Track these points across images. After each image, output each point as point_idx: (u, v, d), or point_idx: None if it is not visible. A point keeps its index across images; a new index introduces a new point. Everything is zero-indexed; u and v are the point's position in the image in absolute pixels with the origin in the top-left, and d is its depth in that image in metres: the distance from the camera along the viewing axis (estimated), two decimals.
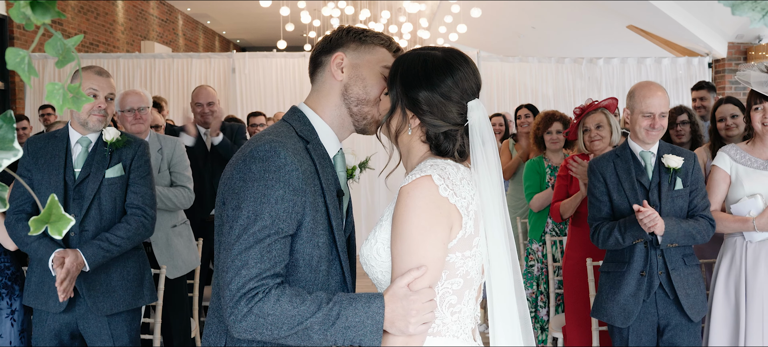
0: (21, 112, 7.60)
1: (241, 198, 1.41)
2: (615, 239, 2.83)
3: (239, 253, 1.38)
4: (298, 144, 1.51)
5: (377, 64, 1.61)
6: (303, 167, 1.46)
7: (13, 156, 0.83)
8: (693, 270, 2.87)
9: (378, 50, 1.62)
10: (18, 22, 1.32)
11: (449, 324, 1.50)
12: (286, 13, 10.04)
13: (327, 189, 1.53)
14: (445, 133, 1.51)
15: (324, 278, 1.52)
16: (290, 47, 11.04)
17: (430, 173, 1.44)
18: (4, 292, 2.90)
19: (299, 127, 1.57)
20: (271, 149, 1.43)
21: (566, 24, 10.76)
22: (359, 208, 8.33)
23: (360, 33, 1.63)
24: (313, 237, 1.48)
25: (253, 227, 1.39)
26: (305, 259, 1.48)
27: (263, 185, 1.41)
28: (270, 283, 1.39)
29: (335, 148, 1.63)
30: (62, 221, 0.87)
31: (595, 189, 2.95)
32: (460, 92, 1.50)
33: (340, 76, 1.60)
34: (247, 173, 1.42)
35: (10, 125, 0.83)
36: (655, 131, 2.84)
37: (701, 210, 2.85)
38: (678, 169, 2.83)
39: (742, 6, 0.88)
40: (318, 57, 1.64)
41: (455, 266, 1.48)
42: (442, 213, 1.43)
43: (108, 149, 2.76)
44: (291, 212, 1.42)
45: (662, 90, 2.89)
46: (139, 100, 3.58)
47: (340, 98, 1.61)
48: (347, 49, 1.61)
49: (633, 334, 2.87)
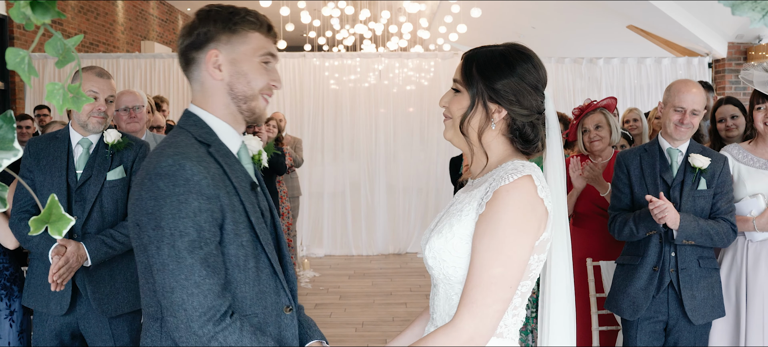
0: (21, 112, 7.60)
1: (158, 217, 1.40)
2: (629, 230, 2.85)
3: (181, 271, 1.39)
4: (200, 150, 1.50)
5: (255, 54, 1.56)
6: (210, 172, 1.46)
7: (13, 156, 0.83)
8: (707, 273, 2.84)
9: (252, 37, 1.56)
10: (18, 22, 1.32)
11: (510, 325, 1.50)
12: (286, 13, 10.03)
13: (239, 187, 1.53)
14: (531, 122, 1.52)
15: (254, 274, 1.53)
16: (290, 47, 11.02)
17: (528, 173, 1.44)
18: (3, 293, 2.90)
19: (197, 132, 1.54)
20: (175, 163, 1.42)
21: (566, 24, 10.75)
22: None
23: (228, 19, 1.54)
24: (236, 238, 1.49)
25: (182, 243, 1.39)
26: (232, 260, 1.49)
27: (177, 201, 1.40)
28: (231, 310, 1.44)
29: (237, 143, 1.61)
30: (62, 221, 0.87)
31: (619, 180, 2.98)
32: (539, 77, 1.53)
33: (219, 75, 1.55)
34: (156, 192, 1.41)
35: (10, 125, 0.84)
36: (684, 127, 2.83)
37: (724, 214, 2.83)
38: (704, 169, 2.82)
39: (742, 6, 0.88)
40: (188, 53, 1.56)
41: (530, 268, 1.49)
42: (535, 215, 1.43)
43: (109, 151, 2.75)
44: (211, 221, 1.43)
45: (698, 88, 2.87)
46: (134, 99, 3.58)
47: (227, 97, 1.57)
48: (219, 43, 1.54)
49: (641, 332, 2.88)
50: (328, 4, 10.18)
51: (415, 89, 8.62)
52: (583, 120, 3.64)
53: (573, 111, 3.75)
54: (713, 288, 2.85)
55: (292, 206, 6.90)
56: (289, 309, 1.61)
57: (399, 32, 12.25)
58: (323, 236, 8.50)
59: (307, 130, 8.44)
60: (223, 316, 1.42)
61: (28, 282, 2.75)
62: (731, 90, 8.04)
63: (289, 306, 1.61)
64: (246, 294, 1.52)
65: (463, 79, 1.53)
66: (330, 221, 8.56)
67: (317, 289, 6.69)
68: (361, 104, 8.52)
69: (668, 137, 2.91)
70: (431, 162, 8.45)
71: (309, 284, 6.89)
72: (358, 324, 5.47)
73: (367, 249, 8.46)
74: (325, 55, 8.87)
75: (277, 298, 1.58)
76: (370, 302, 6.14)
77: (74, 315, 2.69)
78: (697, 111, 2.82)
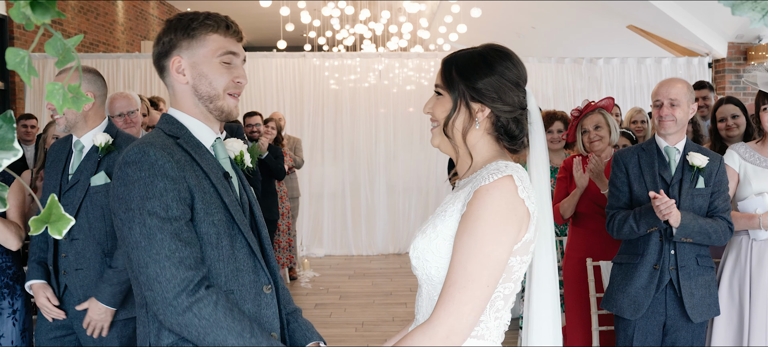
0: (21, 112, 7.59)
1: (128, 200, 1.50)
2: (630, 227, 2.84)
3: (152, 246, 1.48)
4: (167, 141, 1.59)
5: (214, 55, 1.64)
6: (175, 158, 1.54)
7: (13, 156, 0.83)
8: (704, 272, 2.85)
9: (210, 39, 1.63)
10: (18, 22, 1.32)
11: (492, 328, 1.50)
12: (286, 13, 10.03)
13: (210, 171, 1.61)
14: (515, 118, 1.53)
15: (228, 252, 1.59)
16: (290, 47, 11.01)
17: (510, 173, 1.45)
18: (6, 292, 2.90)
19: (167, 128, 1.64)
20: (140, 149, 1.52)
21: (566, 24, 10.75)
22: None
23: (187, 26, 1.63)
24: (207, 216, 1.56)
25: (151, 220, 1.48)
26: (204, 239, 1.56)
27: (143, 183, 1.50)
28: (205, 280, 1.51)
29: (211, 138, 1.68)
30: (62, 221, 0.87)
31: (617, 179, 2.98)
32: (519, 74, 1.54)
33: (183, 80, 1.64)
34: (125, 178, 1.52)
35: (10, 125, 0.84)
36: (667, 121, 2.85)
37: (721, 212, 2.84)
38: (702, 168, 2.83)
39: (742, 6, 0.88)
40: (159, 62, 1.68)
41: (513, 270, 1.49)
42: (516, 216, 1.44)
43: (99, 155, 2.69)
44: (178, 199, 1.51)
45: (680, 82, 2.90)
46: (128, 103, 3.53)
47: (194, 98, 1.65)
48: (181, 49, 1.64)
49: (638, 332, 2.87)
50: (328, 4, 10.17)
51: (415, 89, 8.62)
52: (582, 121, 3.64)
53: (572, 112, 3.75)
54: (710, 286, 2.86)
55: (292, 207, 6.90)
56: (268, 287, 1.65)
57: (399, 32, 12.24)
58: (323, 236, 8.50)
59: (307, 130, 8.44)
60: (197, 286, 1.49)
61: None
62: (731, 90, 8.04)
63: (269, 284, 1.65)
64: (220, 271, 1.58)
65: (444, 82, 1.56)
66: (330, 221, 8.56)
67: (317, 289, 6.68)
68: (361, 104, 8.52)
69: (662, 135, 2.93)
70: (431, 162, 8.45)
71: (309, 284, 6.89)
72: (358, 324, 5.47)
73: (367, 249, 8.46)
74: (325, 55, 8.86)
75: (255, 277, 1.63)
76: (370, 302, 6.14)
77: (68, 314, 2.69)
78: (676, 101, 2.84)
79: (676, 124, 2.86)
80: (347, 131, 8.52)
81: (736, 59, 8.09)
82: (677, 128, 2.88)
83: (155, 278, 1.47)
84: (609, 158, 3.61)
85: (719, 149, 3.56)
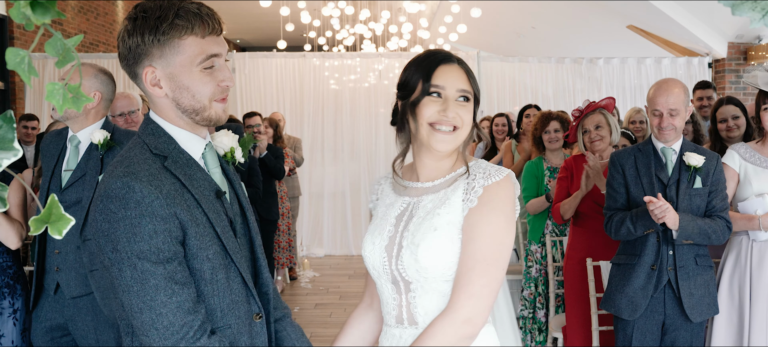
0: (21, 112, 7.60)
1: (114, 240, 1.35)
2: (627, 229, 2.84)
3: (146, 292, 1.35)
4: (154, 165, 1.41)
5: (192, 63, 1.42)
6: (164, 190, 1.38)
7: (13, 156, 0.83)
8: (703, 271, 2.85)
9: (185, 44, 1.41)
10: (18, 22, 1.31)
11: (494, 312, 1.66)
12: (286, 13, 10.03)
13: (201, 198, 1.44)
14: None
15: (224, 285, 1.47)
16: (290, 47, 11.01)
17: (508, 172, 1.55)
18: (6, 291, 2.89)
19: (153, 142, 1.45)
20: (124, 185, 1.35)
21: (566, 24, 10.75)
22: None
23: (155, 28, 1.39)
24: (201, 251, 1.42)
25: (142, 265, 1.34)
26: (197, 275, 1.43)
27: (130, 224, 1.35)
28: (205, 325, 1.41)
29: (200, 147, 1.52)
30: (62, 221, 0.87)
31: (614, 180, 2.98)
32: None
33: (161, 92, 1.44)
34: (108, 215, 1.36)
35: (10, 125, 0.84)
36: (666, 131, 2.84)
37: (719, 211, 2.84)
38: (699, 168, 2.83)
39: (742, 6, 0.88)
40: (128, 68, 1.45)
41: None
42: (514, 213, 1.56)
43: (100, 153, 2.68)
44: (170, 240, 1.37)
45: (674, 87, 2.85)
46: (129, 103, 3.53)
47: (177, 110, 1.46)
48: (152, 58, 1.41)
49: (637, 331, 2.87)
50: (328, 4, 10.17)
51: None
52: (583, 121, 3.65)
53: (573, 113, 3.75)
54: (709, 285, 2.87)
55: (292, 206, 6.90)
56: (258, 316, 1.56)
57: (399, 32, 12.24)
58: (323, 236, 8.50)
59: (307, 130, 8.44)
60: (197, 332, 1.38)
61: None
62: (731, 90, 8.04)
63: (259, 313, 1.56)
64: (216, 306, 1.46)
65: (473, 88, 1.59)
66: (330, 221, 8.56)
67: (317, 289, 6.68)
68: (361, 104, 8.52)
69: (665, 140, 2.92)
70: None
71: (309, 284, 6.89)
72: None
73: None
74: (325, 55, 8.87)
75: (248, 307, 1.54)
76: None
77: (63, 315, 2.68)
78: (675, 111, 2.83)
79: (676, 132, 2.87)
80: (347, 131, 8.52)
81: (736, 59, 8.09)
82: (678, 135, 2.89)
83: (152, 325, 1.35)
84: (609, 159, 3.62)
85: (719, 149, 3.55)
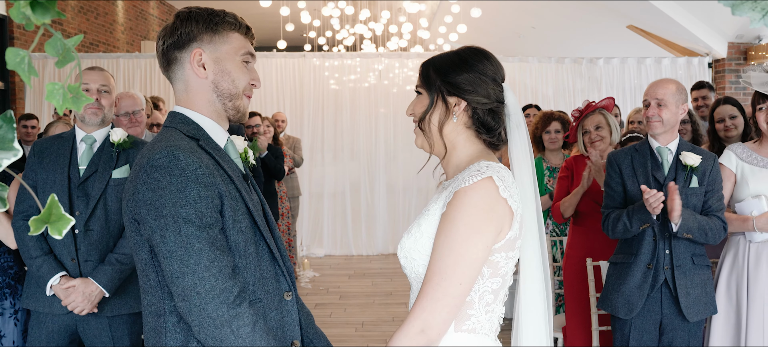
0: (21, 112, 7.59)
1: (159, 207, 1.42)
2: (623, 225, 2.85)
3: (190, 256, 1.41)
4: (191, 144, 1.53)
5: (236, 53, 1.61)
6: (203, 162, 1.48)
7: (13, 156, 0.83)
8: (700, 271, 2.86)
9: (233, 37, 1.61)
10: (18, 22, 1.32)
11: (483, 322, 1.54)
12: (286, 13, 10.02)
13: (233, 175, 1.56)
14: (491, 110, 1.57)
15: (254, 260, 1.55)
16: (290, 47, 11.01)
17: (490, 174, 1.47)
18: (8, 292, 2.88)
19: (185, 128, 1.57)
20: (169, 153, 1.45)
21: (566, 24, 10.75)
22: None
23: (209, 20, 1.59)
24: (235, 223, 1.51)
25: (187, 229, 1.41)
26: (233, 246, 1.51)
27: (176, 190, 1.42)
28: (244, 293, 1.46)
29: (223, 138, 1.64)
30: (62, 221, 0.87)
31: (611, 179, 2.99)
32: (496, 71, 1.59)
33: (204, 74, 1.59)
34: (153, 183, 1.43)
35: (10, 125, 0.84)
36: (653, 121, 2.87)
37: (715, 211, 2.85)
38: (695, 167, 2.83)
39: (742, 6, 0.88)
40: (170, 53, 1.60)
41: (498, 265, 1.52)
42: (495, 216, 1.47)
43: (115, 150, 2.75)
44: (212, 207, 1.46)
45: (667, 82, 2.91)
46: (133, 103, 3.56)
47: (212, 94, 1.60)
48: (203, 42, 1.58)
49: (635, 331, 2.87)
50: (328, 4, 10.17)
51: None
52: (583, 122, 3.65)
53: (573, 113, 3.76)
54: (706, 284, 2.87)
55: (292, 206, 6.89)
56: (289, 294, 1.63)
57: (399, 32, 12.24)
58: (323, 236, 8.50)
59: (307, 130, 8.44)
60: (237, 298, 1.44)
61: (28, 282, 2.74)
62: (731, 90, 8.04)
63: (289, 290, 1.63)
64: (248, 280, 1.53)
65: (422, 82, 1.61)
66: (330, 221, 8.56)
67: (317, 289, 6.69)
68: (361, 104, 8.52)
69: (652, 136, 2.94)
70: (431, 162, 8.42)
71: (309, 284, 6.89)
72: (358, 324, 5.47)
73: (367, 249, 8.46)
74: (325, 55, 8.86)
75: (277, 284, 1.60)
76: (370, 302, 6.14)
77: (72, 316, 2.67)
78: (663, 102, 2.85)
79: (662, 125, 2.87)
80: (347, 131, 8.52)
81: (736, 59, 8.09)
82: (664, 129, 2.88)
83: (193, 288, 1.41)
84: None
85: (718, 149, 3.55)
